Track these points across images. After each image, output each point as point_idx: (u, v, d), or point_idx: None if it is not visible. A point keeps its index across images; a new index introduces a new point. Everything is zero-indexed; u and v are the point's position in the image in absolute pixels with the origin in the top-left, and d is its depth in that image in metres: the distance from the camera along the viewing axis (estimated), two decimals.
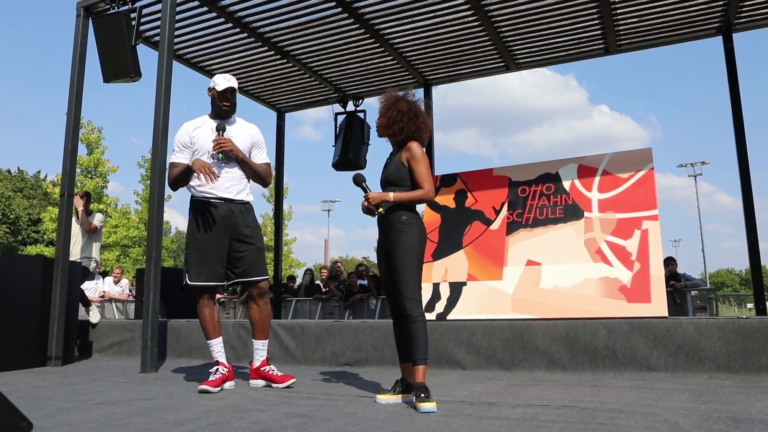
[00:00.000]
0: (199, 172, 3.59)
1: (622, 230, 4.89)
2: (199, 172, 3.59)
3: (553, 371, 4.18)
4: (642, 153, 5.18)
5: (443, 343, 4.58)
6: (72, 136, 5.75)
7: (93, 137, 21.56)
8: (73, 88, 5.78)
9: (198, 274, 3.67)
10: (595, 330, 4.15)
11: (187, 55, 7.26)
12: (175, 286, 7.02)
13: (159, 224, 5.04)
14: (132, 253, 21.77)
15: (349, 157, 7.78)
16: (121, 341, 6.15)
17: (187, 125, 3.84)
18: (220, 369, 3.62)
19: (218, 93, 3.79)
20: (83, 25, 5.86)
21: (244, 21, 6.50)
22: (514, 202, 5.48)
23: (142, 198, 22.46)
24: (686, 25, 6.40)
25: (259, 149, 3.92)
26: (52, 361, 5.23)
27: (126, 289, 12.16)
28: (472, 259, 5.37)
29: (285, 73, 7.78)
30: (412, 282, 2.95)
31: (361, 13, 6.29)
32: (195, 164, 3.63)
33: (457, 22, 6.45)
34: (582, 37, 6.73)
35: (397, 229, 3.02)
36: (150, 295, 4.81)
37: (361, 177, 3.17)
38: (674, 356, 3.89)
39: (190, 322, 5.80)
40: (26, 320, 5.15)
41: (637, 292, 4.56)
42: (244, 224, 3.75)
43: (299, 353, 5.13)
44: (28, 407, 2.57)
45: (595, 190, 5.19)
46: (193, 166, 3.63)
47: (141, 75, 5.69)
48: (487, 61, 7.33)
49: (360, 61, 7.39)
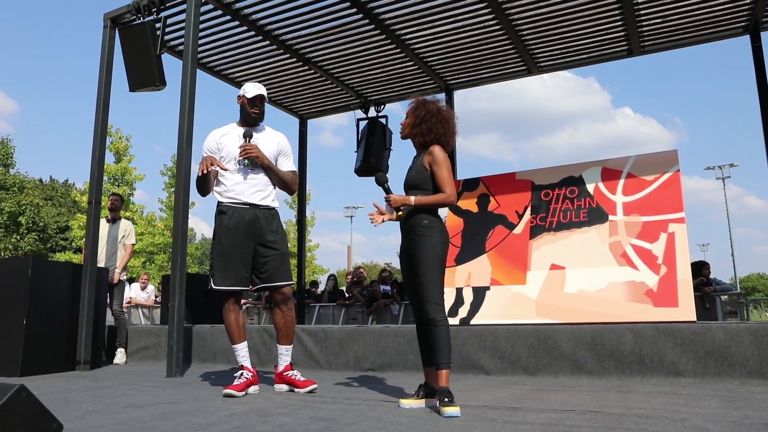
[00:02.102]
0: (201, 165, 3.66)
1: (647, 233, 4.82)
2: (201, 165, 3.67)
3: (579, 376, 4.13)
4: (668, 155, 5.10)
5: (467, 348, 4.55)
6: (99, 144, 5.87)
7: (122, 145, 21.94)
8: (100, 98, 5.90)
9: (223, 279, 3.70)
10: (621, 334, 4.10)
11: (210, 64, 7.36)
12: (200, 292, 7.11)
13: (184, 231, 5.10)
14: (157, 259, 22.05)
15: (372, 163, 7.80)
16: (148, 346, 6.23)
17: (214, 132, 3.90)
18: (244, 373, 3.65)
19: (248, 100, 3.85)
20: (110, 36, 5.99)
21: (267, 29, 6.57)
22: (537, 205, 5.44)
23: (167, 205, 22.77)
24: (712, 24, 6.30)
25: (286, 157, 3.96)
26: (80, 366, 5.33)
27: (152, 295, 12.33)
28: (495, 264, 5.34)
29: (307, 80, 7.84)
30: (435, 286, 2.94)
31: (382, 19, 6.32)
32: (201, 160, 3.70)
33: (479, 27, 6.44)
34: (605, 39, 6.66)
35: (419, 233, 3.02)
36: (175, 300, 4.87)
37: (383, 177, 3.17)
38: (703, 361, 3.81)
39: (214, 328, 5.86)
40: (56, 325, 5.25)
41: (664, 296, 4.49)
42: (269, 230, 3.78)
43: (323, 358, 5.14)
44: (58, 410, 2.61)
45: (619, 193, 5.13)
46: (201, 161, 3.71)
47: (166, 84, 5.78)
48: (508, 65, 7.30)
49: (381, 66, 7.42)
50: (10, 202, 26.69)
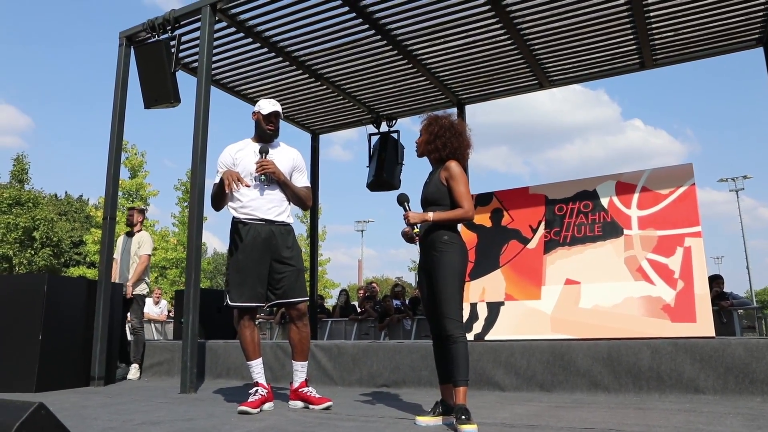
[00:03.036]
0: (227, 180, 3.65)
1: (663, 247, 4.78)
2: (227, 180, 3.65)
3: (596, 393, 4.08)
4: (682, 168, 5.07)
5: (482, 364, 4.52)
6: (114, 161, 5.92)
7: (137, 161, 22.15)
8: (115, 115, 5.97)
9: (239, 295, 3.71)
10: (638, 350, 4.05)
11: (224, 80, 7.42)
12: (213, 307, 7.12)
13: (198, 247, 5.13)
14: (170, 274, 22.16)
15: (384, 178, 7.81)
16: (161, 362, 6.24)
17: (230, 148, 3.93)
18: (259, 390, 3.64)
19: (263, 116, 3.87)
20: (125, 54, 6.07)
21: (279, 45, 6.62)
22: (551, 220, 5.41)
23: (179, 220, 22.92)
24: (725, 37, 6.28)
25: (300, 173, 3.97)
26: (95, 381, 5.34)
27: (164, 310, 12.37)
28: (509, 279, 5.31)
29: (319, 96, 7.88)
30: (454, 302, 2.93)
31: (394, 35, 6.35)
32: (224, 174, 3.70)
33: (490, 41, 6.45)
34: (617, 53, 6.65)
35: (439, 249, 3.01)
36: (189, 316, 4.88)
37: (405, 196, 3.18)
38: (723, 378, 3.76)
39: (227, 343, 5.85)
40: (71, 341, 5.28)
41: (682, 312, 4.43)
42: (285, 245, 3.79)
43: (336, 374, 5.12)
44: (74, 426, 2.61)
45: (634, 207, 5.09)
46: (223, 175, 3.70)
47: (180, 101, 5.83)
48: (520, 80, 7.30)
49: (393, 81, 7.45)
50: (25, 217, 26.97)
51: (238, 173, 3.71)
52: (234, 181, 3.65)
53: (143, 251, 6.57)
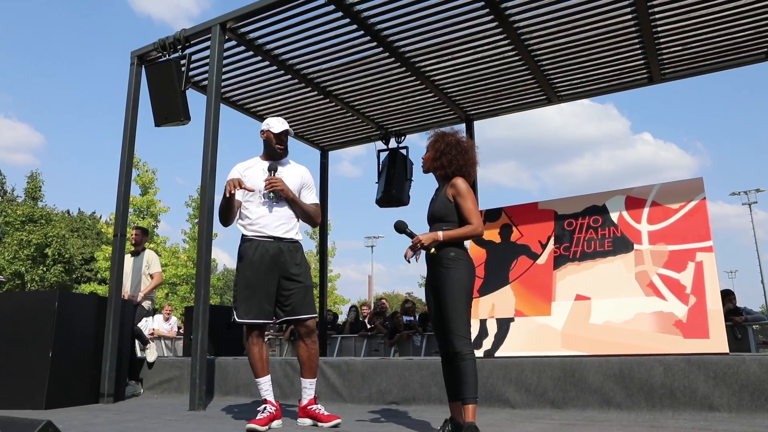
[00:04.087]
0: (228, 186, 3.68)
1: (674, 262, 4.73)
2: (227, 186, 3.68)
3: (608, 410, 4.02)
4: (693, 183, 5.04)
5: (491, 381, 4.47)
6: (125, 178, 5.98)
7: (148, 178, 22.34)
8: (126, 132, 6.04)
9: (247, 312, 3.71)
10: (650, 367, 4.00)
11: (233, 98, 7.49)
12: (222, 324, 7.11)
13: (207, 263, 5.14)
14: (180, 290, 22.22)
15: (393, 194, 7.82)
16: (171, 378, 6.23)
17: (238, 166, 3.95)
18: (268, 407, 3.62)
19: (274, 135, 3.90)
20: (137, 73, 6.15)
21: (288, 63, 6.68)
22: (560, 235, 5.38)
23: (190, 237, 23.01)
24: (732, 51, 6.27)
25: (309, 190, 3.99)
26: (104, 398, 5.34)
27: (174, 326, 12.39)
28: (519, 295, 5.28)
29: (328, 113, 7.93)
30: (461, 319, 2.91)
31: (402, 52, 6.39)
32: (226, 183, 3.73)
33: (498, 57, 6.48)
34: (625, 68, 6.66)
35: (446, 265, 3.00)
36: (198, 333, 4.88)
37: (403, 223, 3.17)
38: (738, 395, 3.69)
39: (237, 360, 5.84)
40: (80, 358, 5.29)
41: (694, 327, 4.38)
42: (293, 262, 3.79)
43: (345, 391, 5.09)
44: None
45: (644, 222, 5.06)
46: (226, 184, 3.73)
47: (190, 119, 5.89)
48: (528, 95, 7.32)
49: (401, 98, 7.49)
50: (38, 234, 27.19)
51: (239, 179, 3.73)
52: (234, 186, 3.66)
53: (154, 269, 6.65)
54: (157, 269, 6.69)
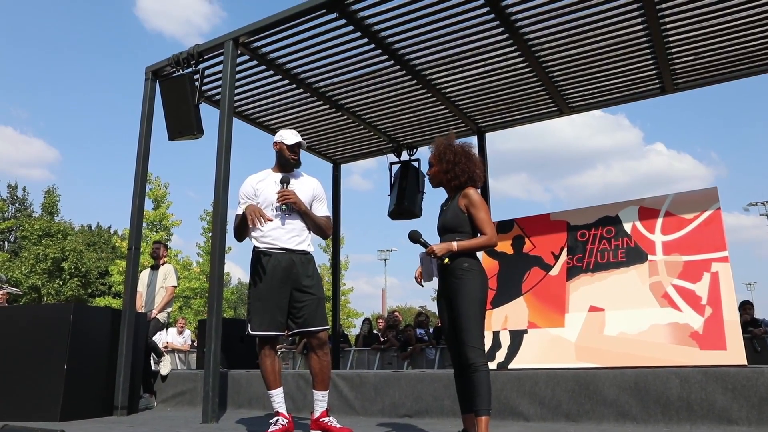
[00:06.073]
0: (250, 216, 3.68)
1: (689, 273, 4.68)
2: (250, 216, 3.69)
3: (623, 423, 3.98)
4: (707, 193, 4.99)
5: (505, 394, 4.44)
6: (140, 192, 6.04)
7: (160, 192, 22.58)
8: (141, 147, 6.11)
9: (259, 324, 3.72)
10: (666, 379, 3.95)
11: (246, 112, 7.56)
12: (235, 337, 7.13)
13: (220, 276, 5.17)
14: (194, 304, 22.32)
15: (405, 206, 7.82)
16: (184, 391, 6.25)
17: (251, 178, 3.98)
18: (280, 420, 3.62)
19: (287, 147, 3.93)
20: (151, 88, 6.23)
21: (300, 77, 6.74)
22: (573, 246, 5.35)
23: (204, 250, 23.15)
24: (746, 60, 6.23)
25: (320, 202, 4.01)
26: (118, 411, 5.36)
27: (188, 339, 12.42)
28: (532, 306, 5.25)
29: (340, 126, 7.97)
30: (475, 330, 2.90)
31: (413, 65, 6.43)
32: (247, 209, 3.74)
33: (509, 69, 6.49)
34: (637, 78, 6.64)
35: (459, 276, 2.99)
36: (212, 345, 4.89)
37: (417, 233, 3.17)
38: (757, 408, 3.63)
39: (249, 373, 5.85)
40: (95, 370, 5.32)
41: (711, 339, 4.32)
42: (305, 274, 3.80)
43: (358, 404, 5.07)
44: None
45: (658, 232, 5.02)
46: (246, 210, 3.74)
47: (203, 133, 5.96)
48: (540, 106, 7.31)
49: (413, 111, 7.51)
50: (54, 248, 27.51)
51: (260, 209, 3.75)
52: (257, 218, 3.68)
53: (170, 282, 6.72)
54: (172, 283, 6.75)
